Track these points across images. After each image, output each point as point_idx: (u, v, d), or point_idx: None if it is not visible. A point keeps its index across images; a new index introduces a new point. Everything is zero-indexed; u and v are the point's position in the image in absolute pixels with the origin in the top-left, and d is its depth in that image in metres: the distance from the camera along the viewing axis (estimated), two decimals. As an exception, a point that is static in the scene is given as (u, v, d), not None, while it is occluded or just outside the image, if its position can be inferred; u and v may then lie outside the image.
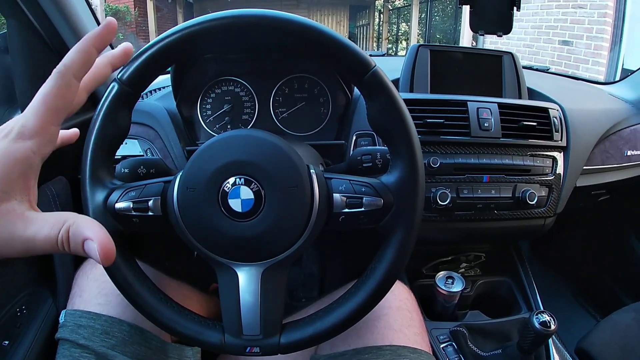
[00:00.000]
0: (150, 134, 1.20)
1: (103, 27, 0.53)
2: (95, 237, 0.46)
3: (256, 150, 0.66)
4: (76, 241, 0.45)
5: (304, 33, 0.65)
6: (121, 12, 11.26)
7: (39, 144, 0.46)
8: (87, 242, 0.45)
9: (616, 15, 5.08)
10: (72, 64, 0.49)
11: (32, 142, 0.45)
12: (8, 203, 0.43)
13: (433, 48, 1.37)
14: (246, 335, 0.70)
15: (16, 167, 0.43)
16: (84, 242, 0.45)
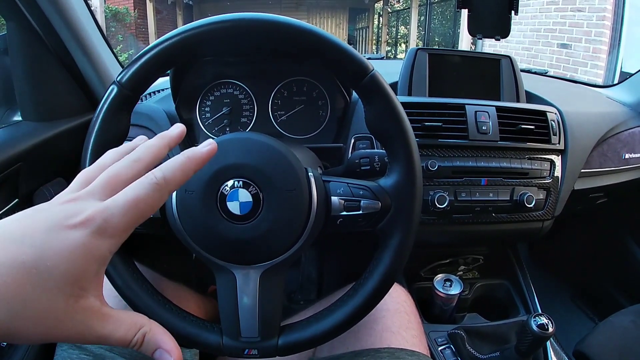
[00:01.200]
0: (149, 136, 1.20)
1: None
2: (171, 350, 0.45)
3: (254, 153, 0.66)
4: (148, 348, 0.44)
5: (302, 37, 0.65)
6: (121, 14, 11.25)
7: (117, 244, 0.42)
8: (161, 351, 0.45)
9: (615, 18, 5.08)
10: (173, 179, 0.45)
11: (113, 241, 0.42)
12: (86, 300, 0.41)
13: (431, 51, 1.37)
14: (244, 337, 0.71)
15: (94, 266, 0.41)
16: (157, 350, 0.45)
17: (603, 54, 5.16)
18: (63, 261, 0.38)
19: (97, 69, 1.27)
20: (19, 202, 1.08)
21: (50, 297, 0.38)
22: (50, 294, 0.38)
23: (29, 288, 0.37)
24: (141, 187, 0.43)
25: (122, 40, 11.01)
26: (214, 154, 0.48)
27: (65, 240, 0.39)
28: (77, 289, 0.40)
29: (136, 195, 0.42)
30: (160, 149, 0.48)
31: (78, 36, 1.19)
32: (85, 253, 0.39)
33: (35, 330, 0.38)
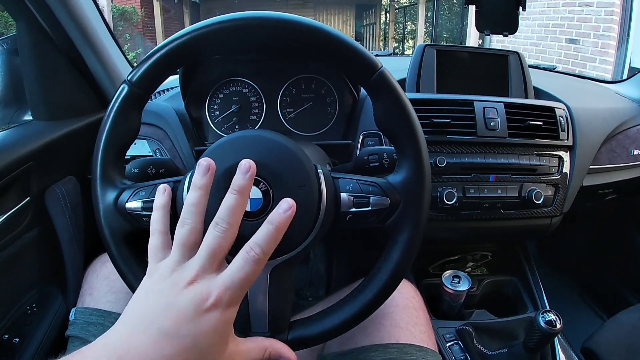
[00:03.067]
0: (159, 134, 1.21)
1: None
2: (290, 358, 0.60)
3: (264, 150, 0.66)
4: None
5: (310, 35, 0.65)
6: (128, 13, 11.27)
7: (237, 308, 0.54)
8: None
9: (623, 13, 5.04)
10: (269, 251, 0.55)
11: (235, 307, 0.54)
12: (229, 349, 0.54)
13: (439, 48, 1.37)
14: (254, 332, 0.71)
15: (229, 327, 0.53)
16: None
17: (612, 49, 5.13)
18: (212, 338, 0.50)
19: (107, 68, 1.28)
20: (30, 200, 1.09)
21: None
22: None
23: None
24: (247, 265, 0.52)
25: (130, 39, 11.03)
26: (294, 213, 0.56)
27: (208, 323, 0.49)
28: (224, 347, 0.52)
29: (246, 273, 0.52)
30: (242, 204, 0.56)
31: (87, 35, 1.20)
32: (224, 324, 0.51)
33: None
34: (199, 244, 0.55)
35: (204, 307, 0.50)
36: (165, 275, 0.53)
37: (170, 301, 0.50)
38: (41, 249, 1.12)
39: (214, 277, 0.52)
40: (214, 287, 0.51)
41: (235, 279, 0.51)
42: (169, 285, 0.52)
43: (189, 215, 0.55)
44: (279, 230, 0.54)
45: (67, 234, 1.13)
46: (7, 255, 1.02)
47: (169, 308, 0.50)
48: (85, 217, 1.18)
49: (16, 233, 1.06)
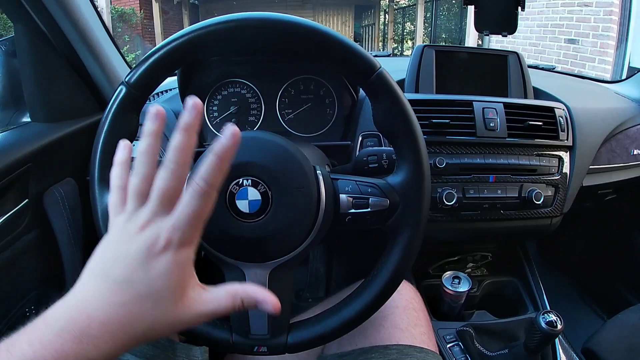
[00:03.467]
0: None
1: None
2: (266, 301, 0.54)
3: (263, 151, 0.66)
4: (250, 306, 0.54)
5: (308, 35, 0.66)
6: (127, 14, 11.27)
7: (194, 248, 0.52)
8: (260, 305, 0.54)
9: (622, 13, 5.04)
10: (216, 182, 0.49)
11: (191, 248, 0.51)
12: (189, 296, 0.51)
13: (438, 48, 1.37)
14: (254, 334, 0.71)
15: (186, 270, 0.51)
16: (256, 305, 0.54)
17: (611, 49, 5.14)
18: (166, 281, 0.49)
19: (105, 69, 1.28)
20: (29, 202, 1.09)
21: (167, 308, 0.49)
22: (167, 307, 0.49)
23: (151, 311, 0.48)
24: (194, 200, 0.49)
25: (129, 40, 11.02)
26: (239, 140, 0.51)
27: (160, 266, 0.48)
28: (181, 292, 0.50)
29: (193, 209, 0.49)
30: (189, 142, 0.50)
31: (85, 37, 1.20)
32: (178, 266, 0.49)
33: (166, 331, 0.51)
34: None
35: (155, 251, 0.48)
36: (120, 226, 0.51)
37: (122, 249, 0.49)
38: (40, 251, 1.12)
39: (164, 219, 0.49)
40: (163, 229, 0.48)
41: (183, 217, 0.48)
42: (122, 234, 0.51)
43: (139, 164, 0.52)
44: (223, 160, 0.49)
45: (65, 236, 1.12)
46: (5, 258, 1.02)
47: (121, 256, 0.49)
48: (84, 219, 1.17)
49: (15, 235, 1.06)
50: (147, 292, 0.48)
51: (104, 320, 0.47)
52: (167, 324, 0.50)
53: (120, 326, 0.47)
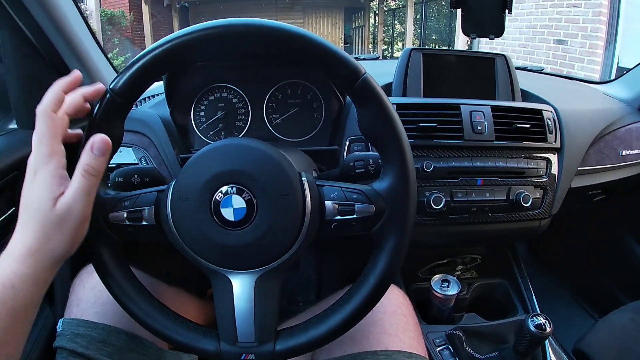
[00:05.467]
0: (144, 141, 1.21)
1: (69, 78, 0.69)
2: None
3: (247, 159, 0.66)
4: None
5: (292, 41, 0.65)
6: (116, 17, 11.23)
7: (59, 159, 0.63)
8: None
9: (611, 13, 5.10)
10: (46, 103, 0.64)
11: (55, 159, 0.63)
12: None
13: (425, 52, 1.37)
14: (241, 342, 0.71)
15: (58, 173, 0.63)
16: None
17: (599, 49, 5.18)
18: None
19: (91, 75, 1.27)
20: (16, 210, 1.08)
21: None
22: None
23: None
24: (37, 123, 0.64)
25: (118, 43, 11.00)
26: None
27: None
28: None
29: (37, 130, 0.64)
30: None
31: (71, 43, 1.19)
32: (49, 175, 0.63)
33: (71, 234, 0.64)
34: None
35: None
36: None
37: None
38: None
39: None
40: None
41: (35, 139, 0.64)
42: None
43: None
44: (56, 87, 0.67)
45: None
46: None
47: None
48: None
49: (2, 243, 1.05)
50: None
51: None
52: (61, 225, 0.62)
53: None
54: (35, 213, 0.62)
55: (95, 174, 0.65)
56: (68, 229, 0.63)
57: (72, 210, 0.62)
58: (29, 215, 0.62)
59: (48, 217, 0.61)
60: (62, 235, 0.62)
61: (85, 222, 0.65)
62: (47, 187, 0.62)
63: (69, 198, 0.62)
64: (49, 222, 0.61)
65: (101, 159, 0.65)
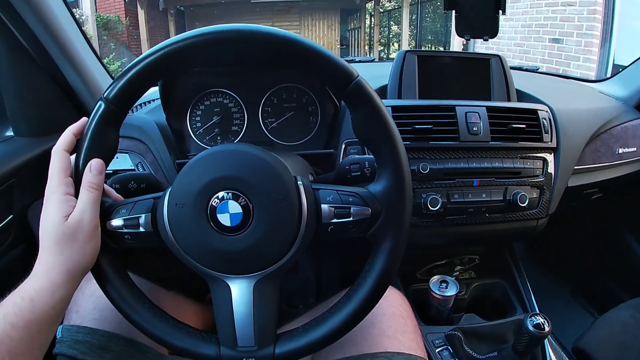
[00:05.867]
0: (141, 147, 1.21)
1: (79, 123, 0.74)
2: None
3: (243, 164, 0.66)
4: None
5: (285, 46, 0.66)
6: (112, 22, 11.20)
7: (66, 188, 0.70)
8: None
9: (605, 11, 5.10)
10: (59, 144, 0.72)
11: (63, 188, 0.70)
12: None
13: (420, 54, 1.37)
14: (241, 346, 0.71)
15: (66, 198, 0.70)
16: None
17: (595, 47, 5.18)
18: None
19: (87, 82, 1.27)
20: (13, 217, 1.08)
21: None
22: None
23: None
24: (52, 160, 0.72)
25: (115, 48, 10.97)
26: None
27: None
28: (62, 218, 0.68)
29: (53, 167, 0.71)
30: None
31: (66, 50, 1.19)
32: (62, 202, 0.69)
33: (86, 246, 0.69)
34: None
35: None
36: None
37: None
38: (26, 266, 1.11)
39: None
40: None
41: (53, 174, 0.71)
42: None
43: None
44: (69, 131, 0.74)
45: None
46: (-7, 273, 1.02)
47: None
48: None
49: (0, 251, 1.05)
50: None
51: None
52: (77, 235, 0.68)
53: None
54: (49, 232, 0.67)
55: (98, 188, 0.71)
56: (81, 238, 0.68)
57: (83, 220, 0.68)
58: (45, 236, 0.68)
59: (61, 232, 0.67)
60: (76, 244, 0.67)
61: (96, 230, 0.70)
62: (57, 209, 0.68)
63: (78, 210, 0.68)
64: (62, 236, 0.67)
65: (99, 176, 0.71)
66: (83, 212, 0.68)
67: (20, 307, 0.63)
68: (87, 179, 0.70)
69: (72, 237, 0.67)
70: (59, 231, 0.67)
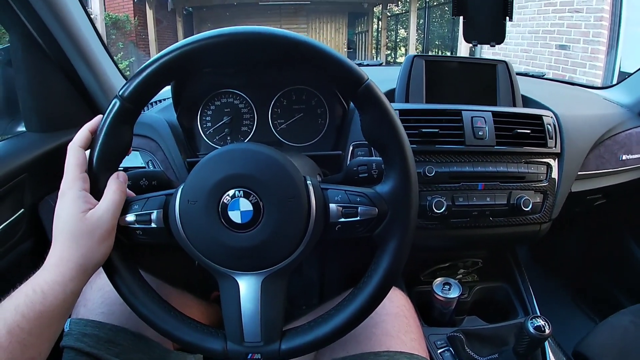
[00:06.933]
0: (152, 145, 1.22)
1: (95, 120, 0.75)
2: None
3: (254, 163, 0.68)
4: None
5: (297, 49, 0.67)
6: (121, 21, 11.23)
7: (81, 183, 0.71)
8: None
9: (612, 18, 5.09)
10: (76, 140, 0.73)
11: (78, 184, 0.71)
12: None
13: (428, 58, 1.38)
14: (247, 342, 0.72)
15: (82, 194, 0.71)
16: None
17: (601, 54, 5.18)
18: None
19: (99, 79, 1.29)
20: (24, 212, 1.10)
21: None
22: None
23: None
24: (68, 156, 0.72)
25: (123, 47, 11.00)
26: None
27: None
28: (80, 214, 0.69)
29: (69, 162, 0.72)
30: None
31: (79, 47, 1.20)
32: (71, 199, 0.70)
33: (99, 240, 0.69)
34: None
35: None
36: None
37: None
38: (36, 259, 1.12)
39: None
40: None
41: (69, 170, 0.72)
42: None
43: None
44: (85, 129, 0.75)
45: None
46: (2, 266, 1.03)
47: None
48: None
49: (11, 244, 1.06)
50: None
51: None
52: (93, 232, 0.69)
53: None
54: (64, 225, 0.68)
55: (123, 193, 0.73)
56: (97, 236, 0.69)
57: (103, 219, 0.69)
58: (60, 229, 0.69)
59: (78, 227, 0.68)
60: (92, 242, 0.69)
61: (112, 231, 0.71)
62: (74, 204, 0.69)
63: (102, 208, 0.70)
64: (80, 231, 0.68)
65: (124, 184, 0.74)
66: (106, 212, 0.69)
67: (31, 299, 0.64)
68: (115, 185, 0.72)
69: (90, 233, 0.68)
70: (76, 226, 0.68)
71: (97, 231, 0.69)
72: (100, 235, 0.69)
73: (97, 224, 0.69)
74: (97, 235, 0.69)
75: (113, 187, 0.72)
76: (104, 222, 0.69)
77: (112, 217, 0.70)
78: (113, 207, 0.70)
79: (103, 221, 0.69)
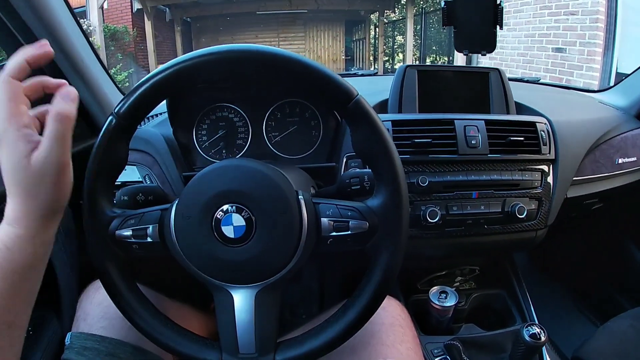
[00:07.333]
0: (148, 160, 1.23)
1: (35, 49, 0.64)
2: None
3: (247, 179, 0.69)
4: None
5: (288, 66, 0.68)
6: (120, 33, 11.27)
7: (20, 119, 0.61)
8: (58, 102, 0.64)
9: (608, 20, 5.11)
10: (8, 70, 0.62)
11: (15, 120, 0.60)
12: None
13: (420, 68, 1.39)
14: (242, 353, 0.74)
15: (22, 132, 0.61)
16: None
17: (598, 56, 5.19)
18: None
19: (95, 94, 1.30)
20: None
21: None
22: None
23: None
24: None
25: (122, 59, 11.03)
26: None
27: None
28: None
29: (50, 142, 0.61)
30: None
31: (75, 64, 1.21)
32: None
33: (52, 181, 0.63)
34: None
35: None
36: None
37: None
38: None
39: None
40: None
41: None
42: None
43: None
44: (21, 56, 0.63)
45: (60, 259, 1.14)
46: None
47: None
48: (78, 242, 1.19)
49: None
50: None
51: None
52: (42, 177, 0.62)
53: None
54: (12, 176, 0.62)
55: (68, 119, 0.63)
56: (49, 180, 0.62)
57: (48, 159, 0.61)
58: (9, 181, 0.62)
59: (26, 176, 0.61)
60: (45, 188, 0.62)
61: (66, 168, 0.64)
62: (15, 149, 0.61)
63: (43, 148, 0.61)
64: (28, 180, 0.61)
65: (72, 104, 0.64)
66: (49, 150, 0.61)
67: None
68: (57, 107, 0.63)
69: (40, 179, 0.62)
70: (24, 175, 0.61)
71: (47, 176, 0.62)
72: (51, 180, 0.63)
73: (45, 168, 0.61)
74: (49, 180, 0.62)
75: (53, 114, 0.62)
76: (52, 163, 0.62)
77: (59, 153, 0.62)
78: (57, 140, 0.62)
79: (50, 162, 0.61)
